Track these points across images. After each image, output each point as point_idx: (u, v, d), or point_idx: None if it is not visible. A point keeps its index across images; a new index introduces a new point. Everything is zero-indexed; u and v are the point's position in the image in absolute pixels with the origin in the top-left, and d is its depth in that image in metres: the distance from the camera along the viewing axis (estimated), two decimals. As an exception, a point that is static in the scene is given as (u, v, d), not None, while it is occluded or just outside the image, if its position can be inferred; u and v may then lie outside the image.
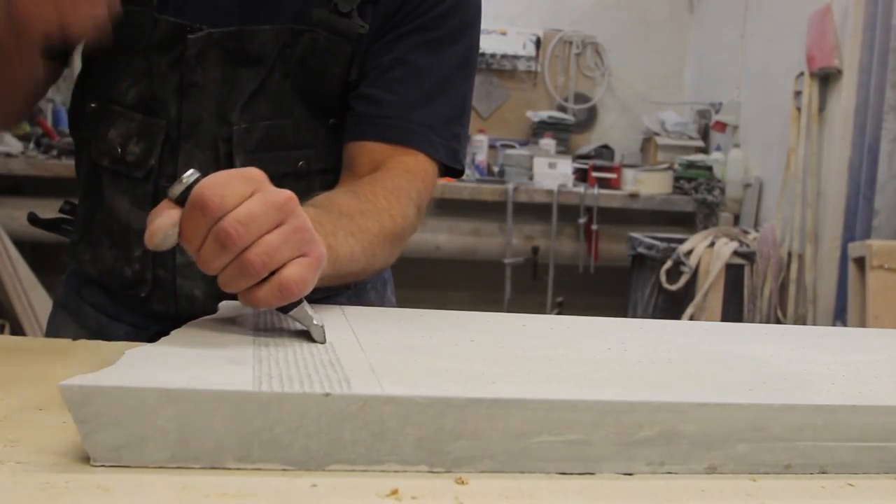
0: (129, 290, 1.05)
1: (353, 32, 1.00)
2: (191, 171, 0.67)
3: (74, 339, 1.12)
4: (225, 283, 0.66)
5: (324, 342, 0.71)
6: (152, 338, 1.05)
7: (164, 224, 0.65)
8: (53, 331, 1.14)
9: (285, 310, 0.70)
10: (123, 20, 0.92)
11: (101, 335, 1.06)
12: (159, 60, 1.00)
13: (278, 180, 1.05)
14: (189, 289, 1.03)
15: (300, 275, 0.66)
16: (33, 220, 1.13)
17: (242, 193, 0.65)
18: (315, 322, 0.71)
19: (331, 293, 1.07)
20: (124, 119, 1.02)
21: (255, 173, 0.67)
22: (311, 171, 1.04)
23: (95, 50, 1.03)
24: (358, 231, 0.87)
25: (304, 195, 0.92)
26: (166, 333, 1.04)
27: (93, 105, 1.05)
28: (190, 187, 0.65)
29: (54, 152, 3.86)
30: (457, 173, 1.07)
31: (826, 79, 3.46)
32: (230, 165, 0.99)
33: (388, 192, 0.95)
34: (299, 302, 0.70)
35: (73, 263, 1.12)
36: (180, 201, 0.66)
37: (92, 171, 1.06)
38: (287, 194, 0.67)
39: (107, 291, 1.09)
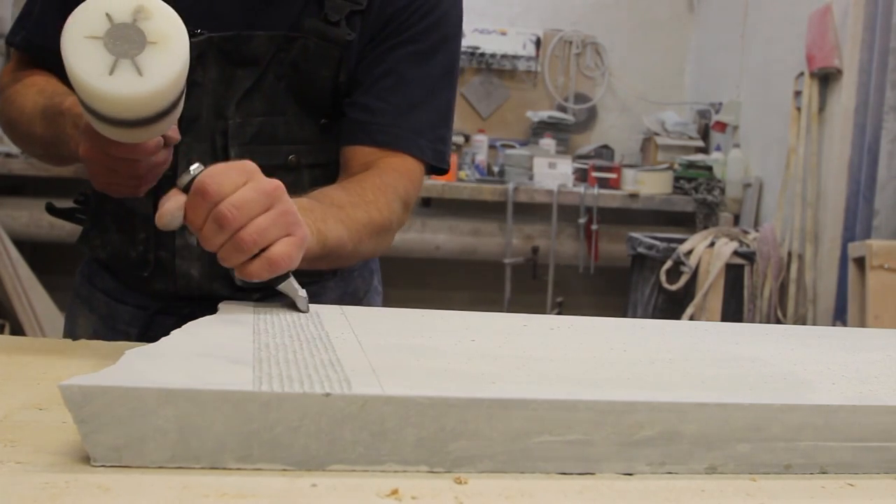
0: (133, 271, 1.14)
1: (342, 39, 1.08)
2: (196, 164, 0.78)
3: (86, 321, 1.20)
4: (222, 258, 0.78)
5: (307, 311, 0.83)
6: (153, 316, 1.14)
7: (171, 207, 0.78)
8: (70, 316, 1.24)
9: (274, 283, 0.81)
10: None
11: (109, 317, 1.18)
12: None
13: (269, 172, 1.12)
14: (187, 268, 1.10)
15: (286, 251, 0.79)
16: (51, 209, 1.21)
17: (237, 182, 0.77)
18: (300, 294, 0.83)
19: (320, 277, 1.17)
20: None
21: (248, 165, 0.79)
22: (301, 165, 1.12)
23: None
24: (347, 219, 0.96)
25: (292, 187, 1.00)
26: (166, 312, 1.13)
27: None
28: (195, 177, 0.77)
29: (54, 152, 3.86)
30: (442, 171, 1.16)
31: (826, 79, 3.46)
32: (225, 157, 1.08)
33: (375, 188, 1.04)
34: (286, 276, 0.81)
35: (85, 249, 1.20)
36: (186, 189, 0.78)
37: None
38: (275, 183, 0.79)
39: (114, 276, 1.18)
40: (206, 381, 0.56)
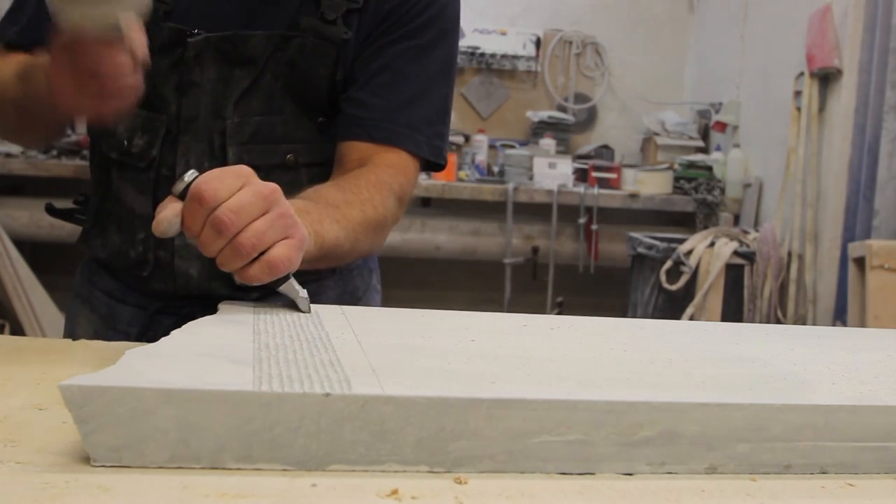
0: (133, 271, 1.14)
1: (338, 38, 1.09)
2: (191, 171, 0.78)
3: (86, 321, 1.20)
4: (221, 263, 0.78)
5: (309, 311, 0.83)
6: (153, 316, 1.15)
7: (167, 215, 0.78)
8: (70, 316, 1.24)
9: (275, 285, 0.81)
10: None
11: (109, 317, 1.18)
12: (161, 62, 1.07)
13: (267, 171, 1.13)
14: (186, 268, 1.11)
15: (285, 254, 0.79)
16: (50, 210, 1.22)
17: (233, 187, 0.77)
18: (301, 295, 0.83)
19: (319, 276, 1.17)
20: (130, 115, 1.09)
21: (244, 169, 0.79)
22: (299, 165, 1.12)
23: None
24: (342, 219, 0.96)
25: (290, 186, 1.00)
26: (166, 311, 1.14)
27: None
28: (189, 184, 0.77)
29: (54, 152, 3.86)
30: (439, 167, 1.16)
31: (826, 79, 3.46)
32: (224, 156, 1.08)
33: (370, 185, 1.04)
34: (287, 278, 0.82)
35: (84, 249, 1.21)
36: (182, 196, 0.77)
37: (102, 164, 1.16)
38: (272, 186, 0.79)
39: (114, 276, 1.19)
40: (206, 381, 0.56)
